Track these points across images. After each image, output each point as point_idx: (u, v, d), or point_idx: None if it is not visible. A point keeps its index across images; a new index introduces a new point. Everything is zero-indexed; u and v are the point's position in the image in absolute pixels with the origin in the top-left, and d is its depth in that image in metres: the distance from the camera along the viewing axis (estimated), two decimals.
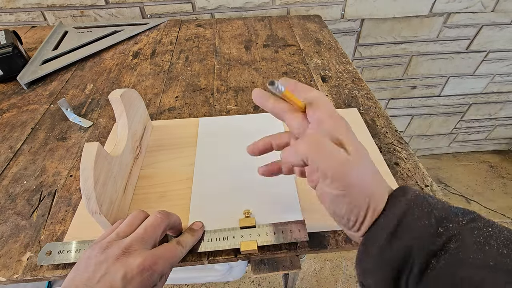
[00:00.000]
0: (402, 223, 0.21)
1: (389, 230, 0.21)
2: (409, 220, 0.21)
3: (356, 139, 0.24)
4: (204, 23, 0.83)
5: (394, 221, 0.21)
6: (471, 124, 1.40)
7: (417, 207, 0.21)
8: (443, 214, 0.20)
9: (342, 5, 0.90)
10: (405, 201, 0.21)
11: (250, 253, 0.32)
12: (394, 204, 0.22)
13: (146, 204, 0.37)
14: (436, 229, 0.20)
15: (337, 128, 0.23)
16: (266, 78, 0.60)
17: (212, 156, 0.43)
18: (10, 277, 0.32)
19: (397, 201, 0.22)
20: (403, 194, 0.22)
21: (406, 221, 0.21)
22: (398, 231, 0.21)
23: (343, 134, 0.23)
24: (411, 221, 0.21)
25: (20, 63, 0.62)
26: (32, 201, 0.39)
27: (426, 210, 0.21)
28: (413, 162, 0.43)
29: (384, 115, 0.51)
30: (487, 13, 0.98)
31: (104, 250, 0.25)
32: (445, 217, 0.20)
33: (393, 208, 0.22)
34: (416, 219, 0.21)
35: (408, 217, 0.21)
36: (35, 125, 0.51)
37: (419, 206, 0.21)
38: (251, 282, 1.11)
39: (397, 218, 0.21)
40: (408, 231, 0.20)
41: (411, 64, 1.10)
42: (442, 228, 0.20)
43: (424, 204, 0.21)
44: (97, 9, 0.84)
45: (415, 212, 0.21)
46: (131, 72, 0.64)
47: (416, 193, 0.22)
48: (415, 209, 0.21)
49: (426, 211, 0.21)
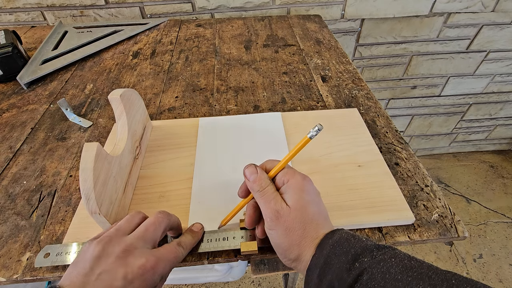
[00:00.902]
0: (327, 262, 0.25)
1: (318, 269, 0.25)
2: (332, 258, 0.24)
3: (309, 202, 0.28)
4: (204, 23, 0.83)
5: (321, 260, 0.25)
6: (471, 124, 1.39)
7: (339, 246, 0.25)
8: (359, 250, 0.24)
9: (342, 5, 0.90)
10: (331, 243, 0.25)
11: (250, 254, 0.32)
12: (323, 246, 0.26)
13: (146, 204, 0.37)
14: (353, 264, 0.23)
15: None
16: (266, 78, 0.60)
17: (212, 156, 0.43)
18: (10, 277, 0.32)
19: (325, 244, 0.26)
20: (331, 236, 0.26)
21: (329, 260, 0.25)
22: (325, 269, 0.24)
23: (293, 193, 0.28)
24: (334, 260, 0.24)
25: (20, 63, 0.62)
26: (32, 201, 0.39)
27: (345, 250, 0.24)
28: (413, 162, 0.43)
29: (384, 115, 0.51)
30: (487, 13, 0.98)
31: (103, 246, 0.25)
32: (361, 253, 0.24)
33: (321, 250, 0.25)
34: (337, 257, 0.24)
35: (331, 256, 0.25)
36: (35, 125, 0.51)
37: (340, 246, 0.25)
38: (251, 282, 1.11)
39: (323, 258, 0.25)
40: (331, 268, 0.24)
41: (411, 64, 1.10)
42: (358, 263, 0.23)
43: (345, 244, 0.25)
44: (97, 9, 0.84)
45: (337, 251, 0.25)
46: (131, 72, 0.64)
47: (342, 235, 0.26)
48: (337, 248, 0.25)
49: (345, 250, 0.24)
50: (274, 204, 0.28)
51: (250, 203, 0.31)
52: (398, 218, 0.35)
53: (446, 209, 0.37)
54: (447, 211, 0.36)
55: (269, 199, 0.28)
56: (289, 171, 0.30)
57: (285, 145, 0.44)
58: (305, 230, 0.27)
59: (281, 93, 0.56)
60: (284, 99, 0.55)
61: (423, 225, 0.35)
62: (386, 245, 0.25)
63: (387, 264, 0.23)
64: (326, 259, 0.25)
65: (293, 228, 0.27)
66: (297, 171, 0.30)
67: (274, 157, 0.42)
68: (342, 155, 0.42)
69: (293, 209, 0.27)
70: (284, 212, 0.27)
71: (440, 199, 0.38)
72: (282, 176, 0.30)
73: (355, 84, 0.58)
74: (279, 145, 0.44)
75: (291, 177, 0.29)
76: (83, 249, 0.25)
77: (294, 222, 0.27)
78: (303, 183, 0.29)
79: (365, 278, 0.23)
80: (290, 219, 0.27)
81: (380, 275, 0.22)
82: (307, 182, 0.29)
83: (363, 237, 0.26)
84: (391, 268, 0.23)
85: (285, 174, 0.29)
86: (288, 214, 0.27)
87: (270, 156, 0.42)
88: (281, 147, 0.43)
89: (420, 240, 0.34)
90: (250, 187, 0.30)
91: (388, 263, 0.23)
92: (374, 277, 0.22)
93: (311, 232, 0.27)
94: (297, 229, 0.27)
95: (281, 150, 0.43)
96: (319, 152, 0.43)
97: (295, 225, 0.27)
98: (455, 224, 0.35)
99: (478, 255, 1.18)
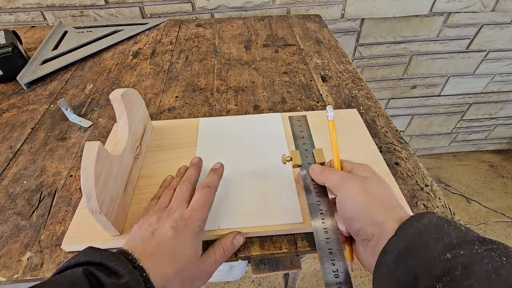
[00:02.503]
0: (409, 247, 0.21)
1: (396, 252, 0.22)
2: (417, 243, 0.21)
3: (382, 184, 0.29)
4: (204, 23, 0.83)
5: (402, 243, 0.22)
6: (471, 124, 1.40)
7: (427, 231, 0.22)
8: (455, 241, 0.21)
9: (342, 5, 0.90)
10: (417, 226, 0.22)
11: (250, 253, 0.32)
12: (406, 228, 0.23)
13: (146, 204, 0.37)
14: (443, 254, 0.20)
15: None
16: (266, 78, 0.60)
17: (212, 157, 0.43)
18: (10, 277, 0.32)
19: (410, 225, 0.23)
20: (419, 219, 0.23)
21: (413, 246, 0.21)
22: (405, 254, 0.21)
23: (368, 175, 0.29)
24: (419, 245, 0.21)
25: (20, 63, 0.62)
26: (32, 201, 0.39)
27: (436, 237, 0.21)
28: (413, 161, 0.43)
29: (384, 115, 0.51)
30: (487, 13, 0.98)
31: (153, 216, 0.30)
32: (457, 244, 0.20)
33: (403, 231, 0.23)
34: (423, 243, 0.21)
35: (416, 242, 0.21)
36: (35, 125, 0.51)
37: (430, 230, 0.22)
38: (251, 282, 1.11)
39: (405, 241, 0.22)
40: (414, 254, 0.21)
41: (411, 63, 1.10)
42: (451, 254, 0.20)
43: (437, 230, 0.22)
44: (96, 9, 0.84)
45: (424, 237, 0.21)
46: (131, 72, 0.64)
47: (434, 219, 0.23)
48: (425, 233, 0.22)
49: (435, 237, 0.21)
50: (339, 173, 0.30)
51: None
52: None
53: (446, 208, 0.37)
54: (447, 211, 0.36)
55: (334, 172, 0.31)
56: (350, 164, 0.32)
57: (285, 146, 0.44)
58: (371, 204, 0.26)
59: (281, 93, 0.56)
60: (284, 99, 0.55)
61: None
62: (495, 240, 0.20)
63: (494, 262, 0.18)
64: (408, 243, 0.22)
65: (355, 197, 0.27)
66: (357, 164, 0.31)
67: (274, 156, 0.42)
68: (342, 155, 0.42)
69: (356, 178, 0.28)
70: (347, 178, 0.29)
71: (440, 199, 0.38)
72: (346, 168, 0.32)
73: (355, 84, 0.58)
74: (279, 146, 0.44)
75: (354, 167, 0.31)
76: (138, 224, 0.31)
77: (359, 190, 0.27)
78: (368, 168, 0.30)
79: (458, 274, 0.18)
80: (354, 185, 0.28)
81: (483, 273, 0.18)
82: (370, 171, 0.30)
83: (463, 226, 0.22)
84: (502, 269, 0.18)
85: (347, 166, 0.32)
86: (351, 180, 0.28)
87: (270, 157, 0.42)
88: (281, 148, 0.43)
89: None
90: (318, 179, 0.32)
91: (496, 261, 0.18)
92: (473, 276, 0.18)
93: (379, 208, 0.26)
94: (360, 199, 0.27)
95: (281, 150, 0.43)
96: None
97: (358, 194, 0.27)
98: None
99: None
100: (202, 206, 0.31)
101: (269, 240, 0.34)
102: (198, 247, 0.30)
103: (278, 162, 0.41)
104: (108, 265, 0.24)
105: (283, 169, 0.40)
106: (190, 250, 0.29)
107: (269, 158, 0.42)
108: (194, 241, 0.29)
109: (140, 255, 0.26)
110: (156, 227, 0.29)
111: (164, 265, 0.27)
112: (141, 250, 0.27)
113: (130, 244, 0.28)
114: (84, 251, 0.25)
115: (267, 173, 0.40)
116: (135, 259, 0.26)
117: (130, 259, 0.25)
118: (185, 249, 0.28)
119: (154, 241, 0.28)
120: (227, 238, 0.32)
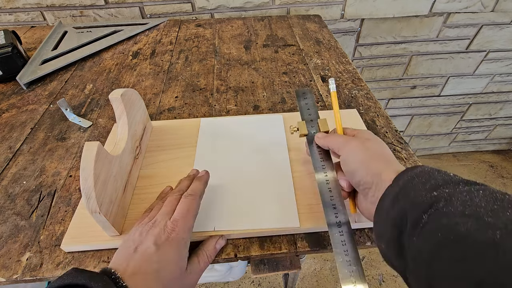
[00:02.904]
0: (402, 190, 0.25)
1: (392, 196, 0.25)
2: (408, 187, 0.25)
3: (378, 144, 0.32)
4: (204, 23, 0.83)
5: (397, 189, 0.25)
6: (471, 124, 1.40)
7: (417, 177, 0.25)
8: (441, 182, 0.24)
9: (342, 5, 0.90)
10: (410, 174, 0.25)
11: (250, 253, 0.32)
12: (401, 177, 0.26)
13: (145, 204, 0.37)
14: (430, 192, 0.23)
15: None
16: (265, 78, 0.60)
17: (212, 157, 0.43)
18: (10, 277, 0.32)
19: (404, 174, 0.26)
20: (412, 169, 0.26)
21: (406, 188, 0.25)
22: (399, 196, 0.25)
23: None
24: (410, 188, 0.24)
25: (20, 63, 0.62)
26: (32, 201, 0.39)
27: (424, 180, 0.24)
28: (413, 162, 0.43)
29: (384, 115, 0.51)
30: (487, 13, 0.98)
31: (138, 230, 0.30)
32: (442, 184, 0.23)
33: (398, 180, 0.26)
34: (413, 186, 0.24)
35: (408, 185, 0.25)
36: (35, 125, 0.51)
37: (419, 177, 0.25)
38: (251, 282, 1.11)
39: (399, 187, 0.25)
40: (406, 195, 0.24)
41: (411, 64, 1.10)
42: (437, 192, 0.23)
43: (426, 176, 0.25)
44: (96, 9, 0.84)
45: (415, 181, 0.25)
46: (130, 72, 0.64)
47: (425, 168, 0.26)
48: (416, 179, 0.25)
49: (424, 181, 0.24)
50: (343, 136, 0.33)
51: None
52: None
53: None
54: None
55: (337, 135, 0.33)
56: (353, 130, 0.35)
57: (285, 146, 0.44)
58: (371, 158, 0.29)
59: (281, 93, 0.56)
60: (284, 99, 0.55)
61: None
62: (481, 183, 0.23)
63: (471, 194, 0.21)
64: (402, 188, 0.25)
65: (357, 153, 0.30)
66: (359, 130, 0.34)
67: (273, 158, 0.42)
68: None
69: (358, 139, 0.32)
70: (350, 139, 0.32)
71: None
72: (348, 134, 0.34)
73: (354, 84, 0.58)
74: (280, 146, 0.44)
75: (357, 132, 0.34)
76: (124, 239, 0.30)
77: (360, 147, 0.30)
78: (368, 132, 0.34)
79: (441, 205, 0.21)
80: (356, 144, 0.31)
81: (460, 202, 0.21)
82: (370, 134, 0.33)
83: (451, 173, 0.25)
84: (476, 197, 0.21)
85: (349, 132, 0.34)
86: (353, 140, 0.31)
87: (270, 157, 0.42)
88: (281, 148, 0.43)
89: None
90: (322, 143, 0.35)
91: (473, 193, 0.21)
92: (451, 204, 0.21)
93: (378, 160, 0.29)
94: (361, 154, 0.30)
95: (282, 151, 0.43)
96: None
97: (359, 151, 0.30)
98: None
99: None
100: (185, 216, 0.30)
101: (268, 241, 0.34)
102: (183, 261, 0.29)
103: (278, 164, 0.41)
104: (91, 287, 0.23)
105: (282, 171, 0.40)
106: (175, 265, 0.28)
107: (269, 159, 0.42)
108: (179, 254, 0.28)
109: (124, 273, 0.25)
110: (138, 243, 0.28)
111: (149, 282, 0.26)
112: (124, 268, 0.26)
113: (114, 262, 0.28)
114: (69, 273, 0.25)
115: (266, 175, 0.40)
116: (119, 278, 0.25)
117: (114, 278, 0.25)
118: (169, 264, 0.27)
119: (137, 258, 0.27)
120: (210, 243, 0.32)
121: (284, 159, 0.42)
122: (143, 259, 0.27)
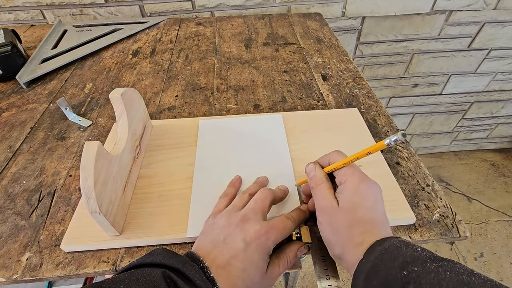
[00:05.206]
0: (373, 268, 0.24)
1: (364, 274, 0.25)
2: (379, 265, 0.24)
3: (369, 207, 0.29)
4: (204, 21, 0.82)
5: (367, 266, 0.25)
6: (473, 123, 1.39)
7: (387, 254, 0.24)
8: (409, 259, 0.23)
9: (343, 3, 0.90)
10: (379, 250, 0.25)
11: None
12: (371, 252, 0.25)
13: (145, 204, 0.37)
14: (400, 272, 0.23)
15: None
16: (266, 77, 0.60)
17: (212, 156, 0.42)
18: (9, 277, 0.31)
19: (374, 250, 0.25)
20: (381, 243, 0.25)
21: (376, 267, 0.24)
22: (371, 275, 0.24)
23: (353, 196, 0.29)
24: (380, 266, 0.24)
25: (19, 62, 0.62)
26: (32, 201, 0.39)
27: (393, 257, 0.24)
28: (414, 161, 0.42)
29: (385, 114, 0.50)
30: (489, 11, 0.97)
31: (226, 217, 0.30)
32: (411, 262, 0.23)
33: (369, 256, 0.25)
34: (383, 263, 0.24)
35: (378, 263, 0.24)
36: (34, 124, 0.51)
37: (389, 253, 0.24)
38: None
39: (370, 264, 0.25)
40: (377, 275, 0.24)
41: (412, 62, 1.09)
42: (406, 271, 0.22)
43: (394, 252, 0.24)
44: (96, 8, 0.84)
45: (384, 258, 0.24)
46: (130, 71, 0.64)
47: (394, 242, 0.25)
48: (385, 255, 0.24)
49: (393, 258, 0.24)
50: (324, 201, 0.29)
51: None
52: (399, 218, 0.35)
53: (447, 208, 0.36)
54: (449, 211, 0.36)
55: (321, 196, 0.30)
56: (348, 171, 0.30)
57: (286, 147, 0.43)
58: (350, 233, 0.27)
59: (282, 92, 0.56)
60: (285, 98, 0.55)
61: (424, 225, 0.35)
62: (446, 258, 0.23)
63: (439, 276, 0.21)
64: (372, 265, 0.24)
65: (337, 228, 0.28)
66: (358, 172, 0.29)
67: (274, 158, 0.42)
68: None
69: (341, 209, 0.28)
70: (332, 210, 0.28)
71: (442, 199, 0.38)
72: (341, 175, 0.30)
73: (356, 82, 0.58)
74: (280, 146, 0.43)
75: (348, 178, 0.29)
76: (209, 223, 0.31)
77: (339, 222, 0.28)
78: (358, 186, 0.28)
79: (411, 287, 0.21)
80: (335, 219, 0.28)
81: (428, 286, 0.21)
82: (363, 185, 0.28)
83: (419, 247, 0.25)
84: (443, 281, 0.21)
85: (344, 174, 0.30)
86: (335, 213, 0.28)
87: (270, 157, 0.42)
88: (281, 148, 0.43)
89: (421, 240, 0.34)
90: (308, 182, 0.32)
91: (440, 275, 0.21)
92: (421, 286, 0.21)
93: (356, 236, 0.27)
94: (342, 230, 0.27)
95: (282, 151, 0.43)
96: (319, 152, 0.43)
97: (340, 225, 0.28)
98: (457, 224, 0.35)
99: (479, 254, 1.18)
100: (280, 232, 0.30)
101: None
102: (264, 266, 0.29)
103: (278, 164, 0.41)
104: (184, 272, 0.24)
105: (283, 171, 0.40)
106: (258, 268, 0.28)
107: (269, 159, 0.42)
108: (263, 259, 0.29)
109: (212, 264, 0.26)
110: (228, 234, 0.29)
111: (234, 280, 0.26)
112: (212, 258, 0.27)
113: (200, 246, 0.28)
114: (159, 253, 0.25)
115: (266, 174, 0.39)
116: (207, 268, 0.26)
117: (202, 267, 0.26)
118: (253, 267, 0.28)
119: (226, 251, 0.28)
120: (293, 249, 0.32)
121: (285, 158, 0.41)
122: (231, 254, 0.27)
